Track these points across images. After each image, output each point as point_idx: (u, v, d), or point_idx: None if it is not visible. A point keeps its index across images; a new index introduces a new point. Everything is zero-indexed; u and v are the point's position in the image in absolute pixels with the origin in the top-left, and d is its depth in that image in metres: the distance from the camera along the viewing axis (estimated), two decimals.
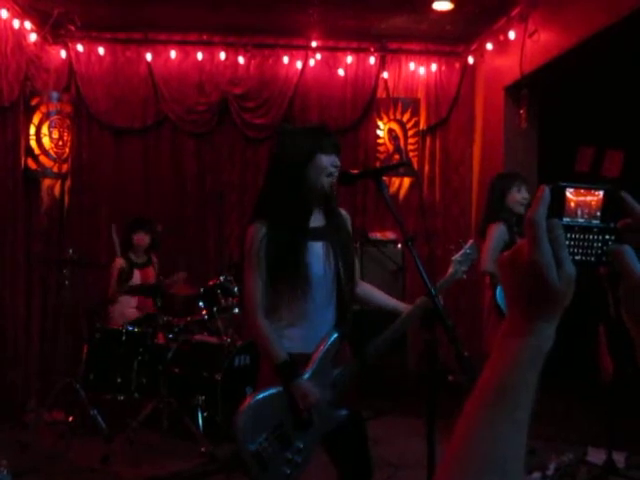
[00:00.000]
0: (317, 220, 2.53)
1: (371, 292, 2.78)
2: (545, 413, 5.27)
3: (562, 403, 5.60)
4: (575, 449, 4.26)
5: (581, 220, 0.82)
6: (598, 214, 0.83)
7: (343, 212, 2.68)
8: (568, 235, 0.80)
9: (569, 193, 0.82)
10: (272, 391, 2.40)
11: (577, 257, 0.81)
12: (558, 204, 0.80)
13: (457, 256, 2.59)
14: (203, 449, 4.44)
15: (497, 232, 4.13)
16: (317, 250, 2.48)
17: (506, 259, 0.80)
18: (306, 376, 2.39)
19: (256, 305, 2.44)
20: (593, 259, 0.82)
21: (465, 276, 2.60)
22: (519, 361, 0.76)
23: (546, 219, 0.77)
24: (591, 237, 0.82)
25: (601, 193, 0.83)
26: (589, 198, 0.83)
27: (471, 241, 2.67)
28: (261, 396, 2.40)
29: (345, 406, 2.48)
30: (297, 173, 2.43)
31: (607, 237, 0.82)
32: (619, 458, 4.12)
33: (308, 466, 2.44)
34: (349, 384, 2.52)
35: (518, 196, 4.23)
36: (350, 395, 2.54)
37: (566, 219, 0.81)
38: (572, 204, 0.82)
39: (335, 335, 2.46)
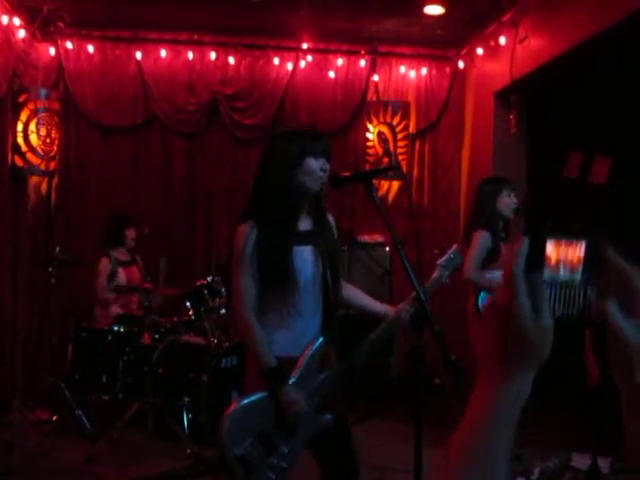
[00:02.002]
0: (305, 224, 2.53)
1: (356, 295, 2.77)
2: (530, 418, 5.28)
3: (548, 408, 5.61)
4: (560, 454, 4.27)
5: (562, 275, 0.81)
6: (580, 268, 0.82)
7: (330, 217, 2.67)
8: (550, 290, 0.79)
9: (550, 247, 0.80)
10: (258, 396, 2.39)
11: (559, 312, 0.81)
12: (538, 254, 0.79)
13: (441, 261, 2.60)
14: (188, 450, 4.42)
15: (481, 239, 4.14)
16: (306, 254, 2.48)
17: (488, 314, 0.80)
18: (292, 381, 2.39)
19: (246, 305, 2.43)
20: (575, 313, 0.82)
21: (449, 280, 2.61)
22: (494, 417, 0.77)
23: (526, 271, 0.77)
24: (573, 292, 0.82)
25: (582, 246, 0.82)
26: (570, 254, 0.82)
27: (455, 246, 2.67)
28: (247, 401, 2.39)
29: (330, 410, 2.48)
30: (286, 176, 2.43)
31: (589, 291, 0.82)
32: (603, 464, 4.13)
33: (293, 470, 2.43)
34: (334, 388, 2.51)
35: (508, 200, 4.24)
36: (334, 398, 2.54)
37: (547, 273, 0.80)
38: (553, 260, 0.81)
39: (321, 340, 2.46)
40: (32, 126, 6.04)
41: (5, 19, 5.61)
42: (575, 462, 4.25)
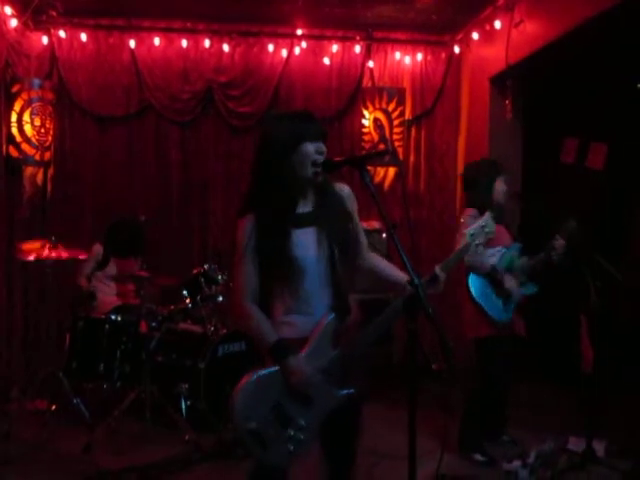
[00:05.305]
0: (306, 206, 2.52)
1: (379, 264, 2.69)
2: (527, 402, 5.31)
3: (544, 392, 5.65)
4: (556, 438, 4.29)
5: None
6: None
7: (345, 189, 2.62)
8: None
9: None
10: (271, 369, 2.40)
11: None
12: None
13: (470, 229, 2.45)
14: (186, 437, 4.44)
15: (470, 218, 4.03)
16: (307, 236, 2.47)
17: None
18: (302, 357, 2.40)
19: (245, 294, 2.43)
20: None
21: (479, 250, 2.46)
22: None
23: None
24: None
25: None
26: None
27: (487, 213, 2.52)
28: (257, 375, 2.39)
29: (349, 386, 2.47)
30: (282, 162, 2.41)
31: None
32: (599, 447, 4.16)
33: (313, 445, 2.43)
34: (351, 366, 2.49)
35: (502, 186, 4.23)
36: (356, 376, 2.52)
37: None
38: None
39: (331, 317, 2.46)
40: (26, 116, 6.01)
41: None
42: (571, 445, 4.28)
